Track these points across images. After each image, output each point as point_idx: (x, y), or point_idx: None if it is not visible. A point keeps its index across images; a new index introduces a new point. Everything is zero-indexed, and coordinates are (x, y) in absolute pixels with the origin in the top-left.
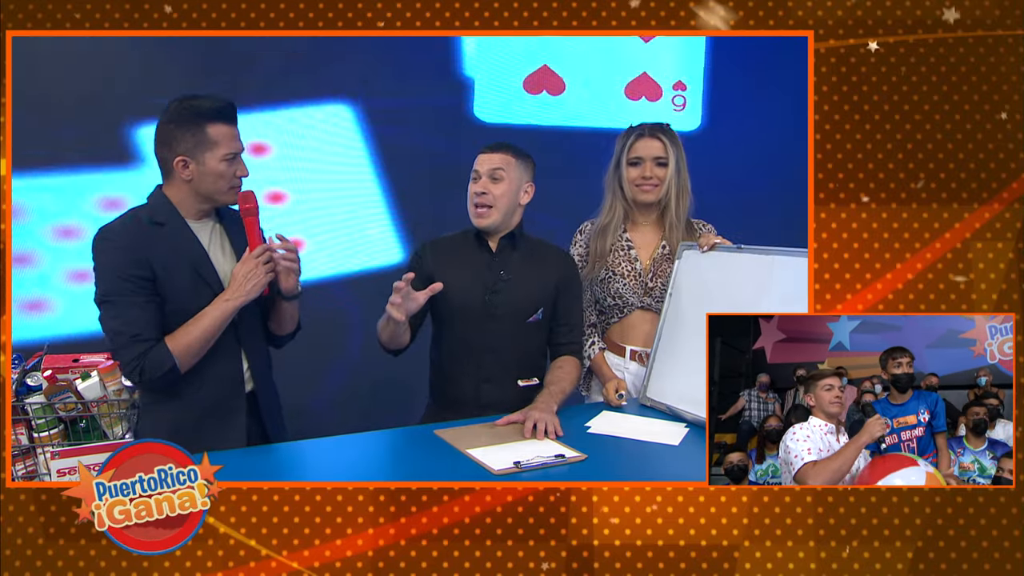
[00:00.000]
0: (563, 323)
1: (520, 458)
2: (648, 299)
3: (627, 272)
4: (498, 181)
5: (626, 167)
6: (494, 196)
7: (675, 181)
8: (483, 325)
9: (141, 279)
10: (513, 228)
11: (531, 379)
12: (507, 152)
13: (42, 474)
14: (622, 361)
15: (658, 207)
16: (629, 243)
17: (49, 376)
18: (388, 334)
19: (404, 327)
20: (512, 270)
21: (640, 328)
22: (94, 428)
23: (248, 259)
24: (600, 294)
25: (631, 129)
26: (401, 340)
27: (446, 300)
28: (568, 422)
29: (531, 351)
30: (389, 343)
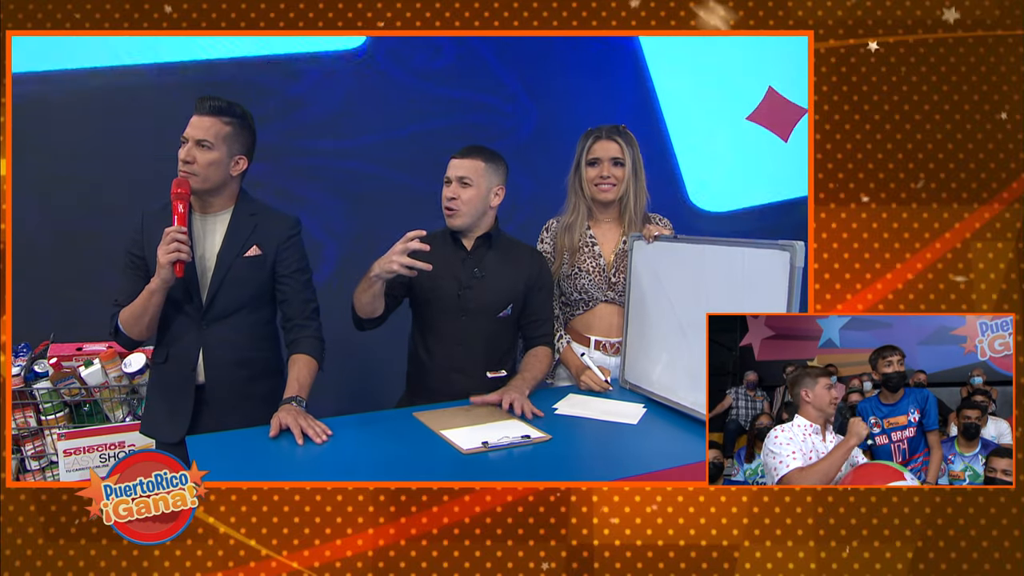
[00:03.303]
0: (536, 318)
1: (488, 438)
2: (611, 293)
3: (592, 268)
4: (467, 186)
5: (585, 167)
6: (462, 200)
7: (632, 180)
8: (456, 319)
9: (135, 256)
10: (489, 229)
11: (499, 371)
12: (477, 158)
13: (49, 454)
14: (587, 350)
15: (618, 205)
16: (593, 239)
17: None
18: (368, 298)
19: (380, 293)
20: (485, 268)
21: (605, 320)
22: (97, 412)
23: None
24: (566, 288)
25: (589, 131)
26: (376, 307)
27: (423, 293)
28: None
29: (501, 345)
30: (363, 309)
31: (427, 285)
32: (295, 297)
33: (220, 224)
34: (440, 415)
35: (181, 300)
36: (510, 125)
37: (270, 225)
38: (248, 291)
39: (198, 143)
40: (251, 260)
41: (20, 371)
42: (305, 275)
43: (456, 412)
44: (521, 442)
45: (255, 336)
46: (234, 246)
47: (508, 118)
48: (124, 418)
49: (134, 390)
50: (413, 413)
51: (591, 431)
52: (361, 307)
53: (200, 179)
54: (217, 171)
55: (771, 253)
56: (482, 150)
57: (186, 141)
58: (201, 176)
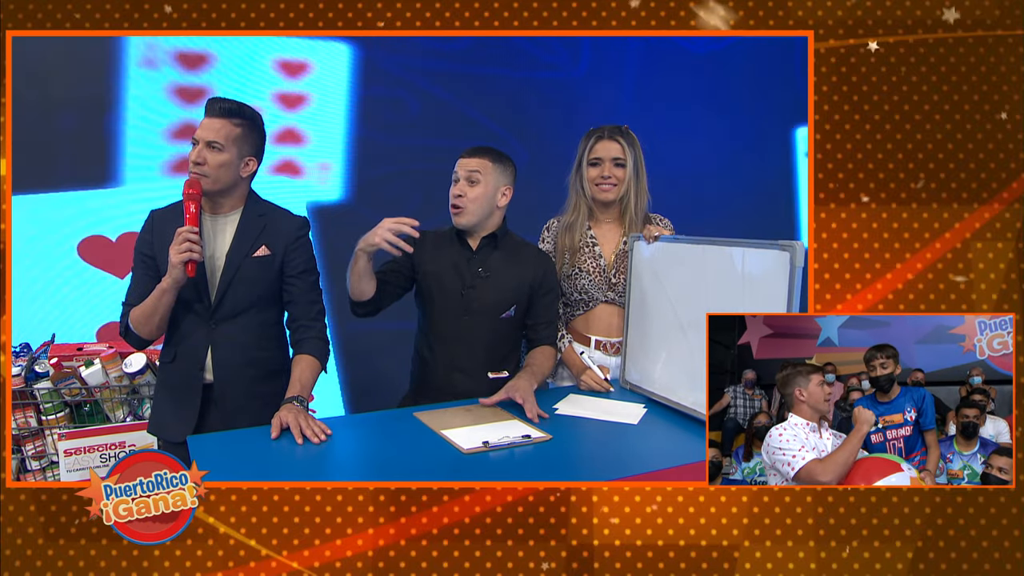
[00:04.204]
0: (542, 320)
1: (488, 438)
2: (611, 293)
3: (592, 268)
4: (474, 184)
5: (586, 167)
6: (469, 198)
7: (633, 180)
8: (459, 318)
9: (145, 256)
10: (495, 229)
11: (501, 372)
12: (485, 157)
13: (50, 454)
14: (587, 350)
15: (619, 205)
16: (593, 240)
17: (55, 363)
18: (354, 277)
19: (367, 272)
20: (490, 268)
21: (605, 320)
22: (97, 412)
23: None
24: (567, 288)
25: (591, 131)
26: (364, 288)
27: (427, 292)
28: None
29: (503, 345)
30: (352, 289)
31: (431, 284)
32: (301, 298)
33: (230, 224)
34: (441, 415)
35: (190, 299)
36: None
37: (279, 225)
38: (257, 291)
39: (209, 144)
40: (260, 260)
41: (21, 371)
42: (312, 276)
43: (457, 412)
44: (522, 442)
45: (263, 336)
46: (243, 246)
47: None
48: (125, 418)
49: (135, 390)
50: (414, 413)
51: (592, 431)
52: (350, 287)
53: (211, 180)
54: (227, 172)
55: (771, 253)
56: (490, 150)
57: (197, 142)
58: (212, 177)
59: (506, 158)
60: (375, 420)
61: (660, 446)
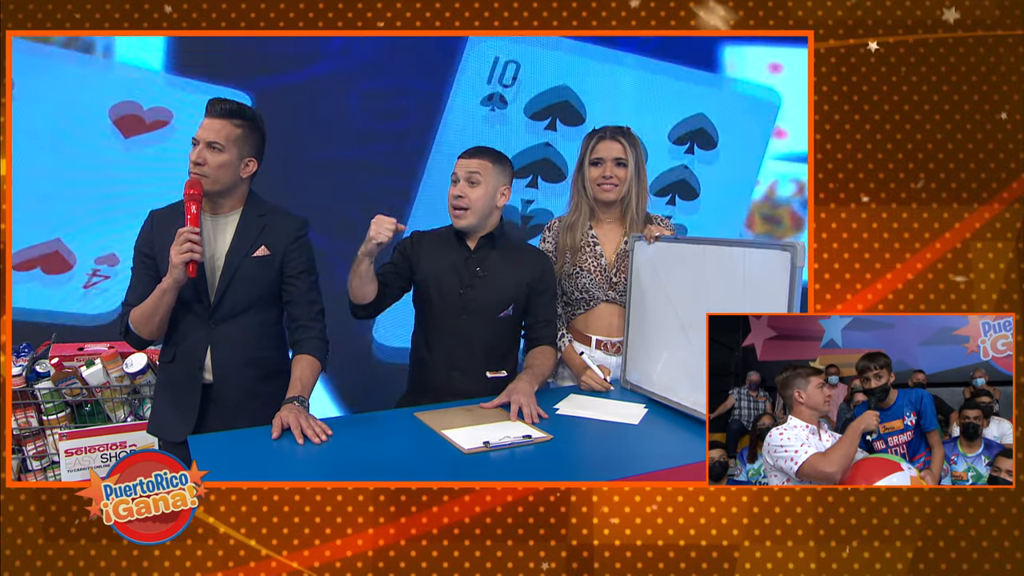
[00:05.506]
0: (541, 319)
1: (489, 438)
2: (612, 292)
3: (593, 268)
4: (475, 185)
5: (588, 167)
6: (470, 199)
7: (635, 181)
8: (457, 317)
9: (145, 256)
10: (493, 229)
11: (499, 371)
12: (484, 157)
13: (51, 454)
14: (587, 349)
15: (620, 205)
16: (595, 239)
17: (56, 363)
18: (356, 280)
19: (369, 275)
20: (488, 268)
21: (605, 319)
22: (98, 412)
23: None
24: (567, 288)
25: (594, 131)
26: (365, 292)
27: (425, 291)
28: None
29: (501, 345)
30: (353, 293)
31: (429, 283)
32: (301, 298)
33: (230, 225)
34: (441, 415)
35: (190, 299)
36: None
37: (278, 225)
38: (256, 291)
39: (209, 145)
40: (259, 260)
41: (22, 371)
42: (312, 276)
43: (457, 412)
44: (522, 442)
45: (263, 336)
46: (243, 246)
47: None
48: (125, 418)
49: (135, 390)
50: (414, 413)
51: (592, 431)
52: (351, 291)
53: (211, 181)
54: (227, 173)
55: (771, 253)
56: (489, 150)
57: (197, 143)
58: (212, 178)
59: (504, 158)
60: (375, 420)
61: (660, 446)
